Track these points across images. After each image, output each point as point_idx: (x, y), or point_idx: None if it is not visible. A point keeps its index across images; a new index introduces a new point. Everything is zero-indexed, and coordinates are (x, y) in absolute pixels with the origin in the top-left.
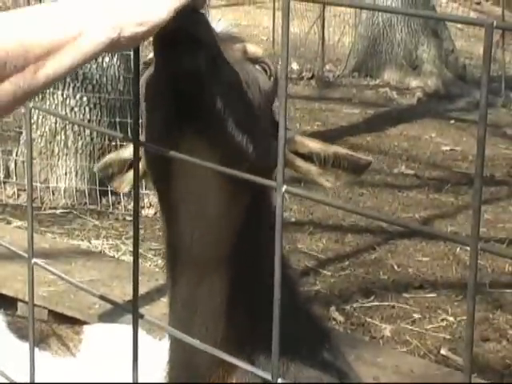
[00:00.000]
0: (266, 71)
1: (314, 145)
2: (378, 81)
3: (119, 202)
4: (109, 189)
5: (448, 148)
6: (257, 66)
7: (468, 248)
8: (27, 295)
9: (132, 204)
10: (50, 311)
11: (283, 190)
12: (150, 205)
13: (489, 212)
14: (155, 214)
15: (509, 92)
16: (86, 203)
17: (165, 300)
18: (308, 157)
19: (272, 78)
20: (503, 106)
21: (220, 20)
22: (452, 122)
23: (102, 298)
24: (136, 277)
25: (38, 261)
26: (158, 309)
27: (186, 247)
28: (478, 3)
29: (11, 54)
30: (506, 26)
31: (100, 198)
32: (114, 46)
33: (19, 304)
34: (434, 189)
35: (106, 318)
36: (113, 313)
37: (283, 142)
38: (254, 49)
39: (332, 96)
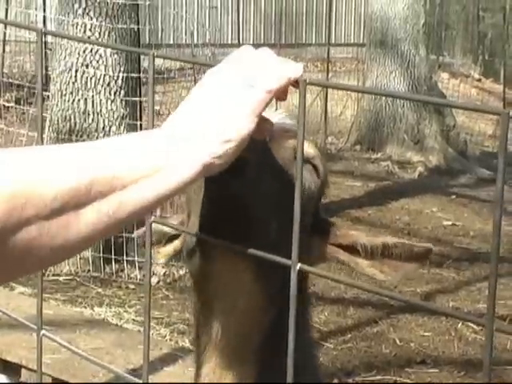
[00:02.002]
0: (315, 169)
1: (359, 236)
2: (379, 154)
3: (122, 270)
4: (112, 257)
5: (449, 223)
6: (307, 165)
7: (470, 324)
8: (32, 362)
9: (135, 272)
10: (54, 379)
11: (297, 267)
12: (153, 273)
13: None
14: (158, 282)
15: (510, 169)
16: (89, 270)
17: (168, 369)
18: (353, 248)
19: (320, 178)
20: (504, 183)
21: (277, 110)
22: (453, 197)
23: (111, 370)
24: (147, 350)
25: (47, 332)
26: (161, 378)
27: (214, 338)
28: (479, 80)
29: (96, 180)
30: None
31: (103, 265)
32: (209, 169)
33: (23, 371)
34: (435, 264)
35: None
36: (117, 381)
37: (298, 222)
38: (306, 147)
39: (334, 168)
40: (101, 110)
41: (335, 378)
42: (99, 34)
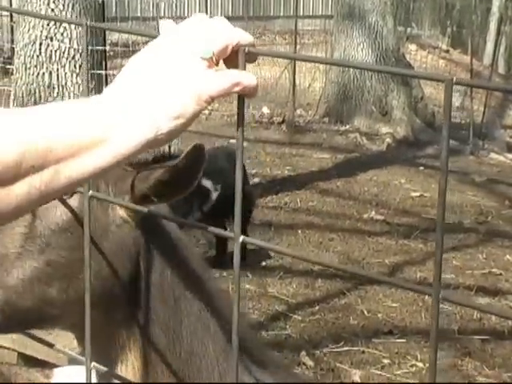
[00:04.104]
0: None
1: (140, 188)
2: (348, 126)
3: None
4: None
5: (417, 194)
6: None
7: None
8: None
9: None
10: (20, 354)
11: (240, 240)
12: None
13: (457, 259)
14: None
15: (477, 140)
16: None
17: None
18: (144, 199)
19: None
20: (471, 154)
21: None
22: (421, 168)
23: (56, 349)
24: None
25: None
26: None
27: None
28: (447, 51)
29: (29, 154)
30: (465, 82)
31: None
32: (152, 145)
33: None
34: (403, 235)
35: (76, 360)
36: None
37: (239, 196)
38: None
39: (302, 141)
40: (66, 84)
41: (303, 349)
42: (63, 6)
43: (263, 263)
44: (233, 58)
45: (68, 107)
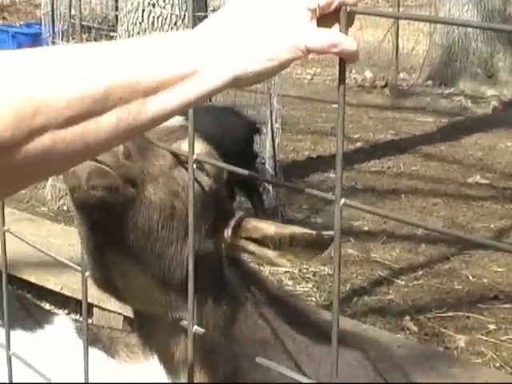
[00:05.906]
0: (202, 170)
1: (268, 228)
2: (452, 89)
3: None
4: None
5: None
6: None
7: None
8: (104, 301)
9: None
10: (126, 318)
11: (342, 202)
12: None
13: None
14: None
15: None
16: None
17: None
18: (262, 241)
19: (210, 177)
20: None
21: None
22: None
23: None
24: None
25: None
26: None
27: None
28: None
29: (116, 86)
30: None
31: None
32: (240, 82)
33: (95, 310)
34: (509, 199)
35: None
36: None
37: (340, 157)
38: (186, 148)
39: (405, 105)
40: None
41: (406, 314)
42: None
43: (366, 228)
44: (331, 18)
45: (158, 39)
